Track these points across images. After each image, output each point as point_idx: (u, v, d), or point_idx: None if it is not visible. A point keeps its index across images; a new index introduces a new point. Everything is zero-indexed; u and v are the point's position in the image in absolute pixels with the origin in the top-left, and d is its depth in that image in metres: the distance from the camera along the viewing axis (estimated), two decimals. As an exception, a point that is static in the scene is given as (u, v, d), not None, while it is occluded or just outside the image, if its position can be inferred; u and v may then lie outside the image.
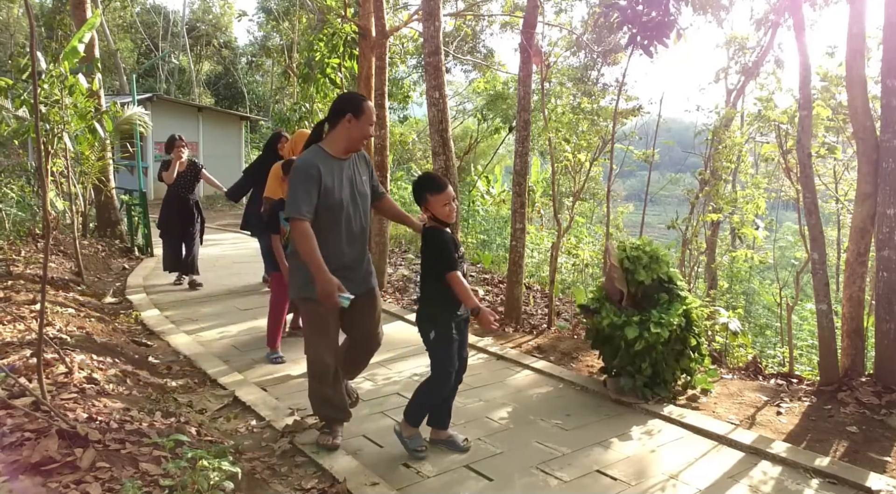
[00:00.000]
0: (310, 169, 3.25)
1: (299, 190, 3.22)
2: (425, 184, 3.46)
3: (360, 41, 9.65)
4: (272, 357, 5.15)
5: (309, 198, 3.21)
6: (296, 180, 3.25)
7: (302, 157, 3.36)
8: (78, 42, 6.10)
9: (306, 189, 3.21)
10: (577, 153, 7.67)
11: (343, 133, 3.35)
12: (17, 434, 2.85)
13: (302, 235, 3.18)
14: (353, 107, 3.34)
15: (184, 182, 7.47)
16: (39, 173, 5.41)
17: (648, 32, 5.36)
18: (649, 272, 4.47)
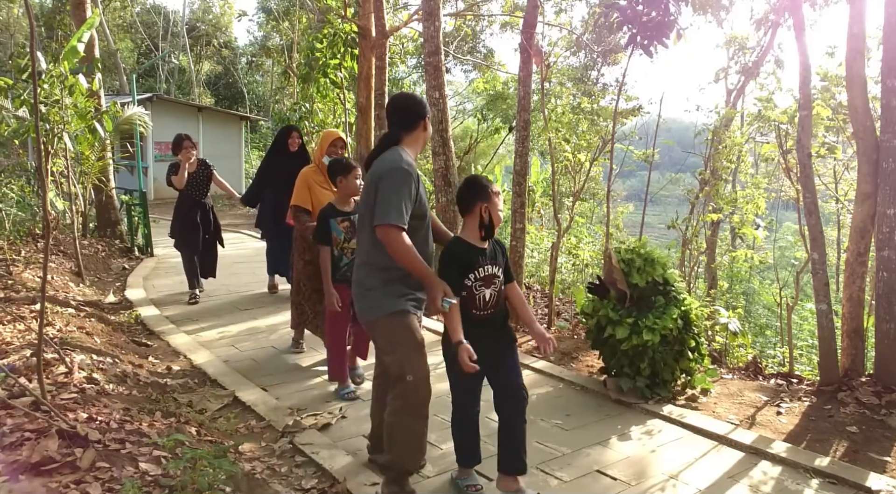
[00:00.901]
0: (412, 171, 2.87)
1: (402, 194, 2.81)
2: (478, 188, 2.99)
3: (360, 41, 9.65)
4: (344, 392, 4.39)
5: (410, 203, 2.85)
6: (396, 183, 2.82)
7: (399, 155, 2.93)
8: (78, 42, 6.10)
9: (407, 194, 2.83)
10: (577, 153, 7.67)
11: (421, 137, 3.07)
12: (17, 434, 2.85)
13: (404, 244, 2.80)
14: (423, 108, 3.08)
15: (195, 184, 6.87)
16: (39, 173, 5.40)
17: (648, 32, 5.36)
18: (643, 275, 4.46)
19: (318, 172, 4.90)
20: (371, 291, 2.99)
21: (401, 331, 2.96)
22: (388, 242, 2.80)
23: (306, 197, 4.84)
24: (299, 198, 4.86)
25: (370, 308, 3.00)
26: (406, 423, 2.95)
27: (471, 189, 3.01)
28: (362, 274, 3.05)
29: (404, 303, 2.97)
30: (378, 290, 2.97)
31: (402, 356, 2.94)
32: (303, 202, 4.85)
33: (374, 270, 2.99)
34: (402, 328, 2.97)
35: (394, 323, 2.97)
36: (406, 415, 2.95)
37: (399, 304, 2.96)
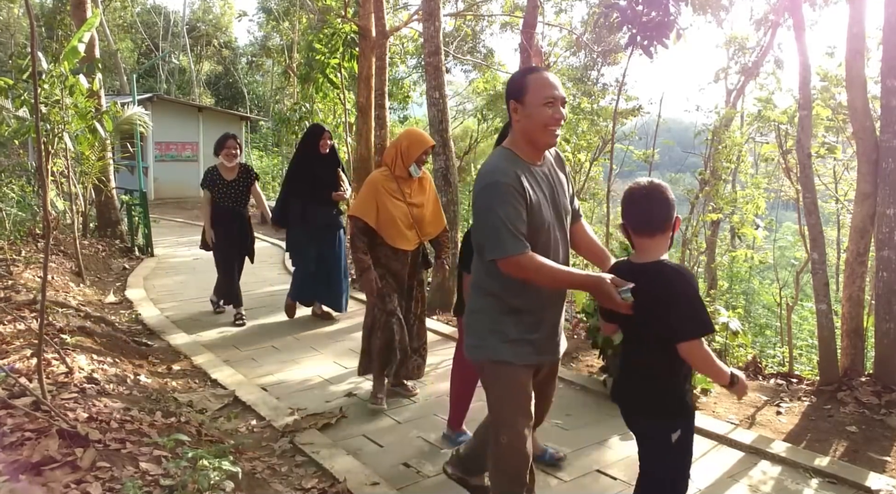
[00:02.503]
0: (507, 179, 2.31)
1: (507, 212, 2.27)
2: None
3: (360, 41, 9.65)
4: (459, 438, 3.64)
5: (521, 218, 2.30)
6: (495, 203, 2.29)
7: (492, 164, 2.42)
8: (78, 42, 6.10)
9: (513, 210, 2.28)
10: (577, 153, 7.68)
11: (516, 127, 2.43)
12: (18, 434, 2.85)
13: (535, 265, 2.29)
14: (514, 90, 2.39)
15: (234, 193, 6.00)
16: (40, 173, 5.41)
17: (648, 32, 5.37)
18: None
19: (391, 179, 3.95)
20: (478, 324, 2.53)
21: (502, 387, 2.50)
22: (519, 273, 2.32)
23: (371, 209, 3.89)
24: (362, 209, 3.90)
25: (475, 346, 2.55)
26: (503, 486, 2.56)
27: None
28: (472, 301, 2.59)
29: (512, 351, 2.45)
30: (485, 326, 2.50)
31: (500, 415, 2.52)
32: (364, 214, 3.90)
33: (483, 297, 2.52)
34: (505, 383, 2.49)
35: (497, 374, 2.50)
36: (502, 479, 2.56)
37: (505, 352, 2.46)
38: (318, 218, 5.78)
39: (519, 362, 2.47)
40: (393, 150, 3.97)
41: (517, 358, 2.47)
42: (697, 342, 2.12)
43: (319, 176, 5.71)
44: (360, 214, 3.94)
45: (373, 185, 3.95)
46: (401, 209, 3.94)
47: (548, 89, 2.34)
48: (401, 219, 3.96)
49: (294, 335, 5.83)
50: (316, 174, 5.71)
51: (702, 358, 2.14)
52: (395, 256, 4.02)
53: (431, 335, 5.92)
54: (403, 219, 3.97)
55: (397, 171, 3.95)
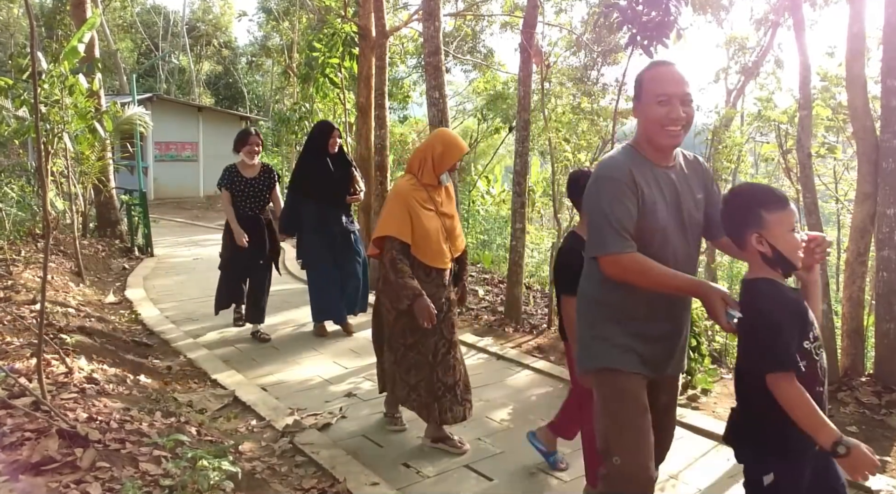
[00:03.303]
0: (619, 174, 2.14)
1: (613, 208, 2.11)
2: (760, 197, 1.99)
3: (360, 41, 9.65)
4: (552, 460, 3.43)
5: (629, 216, 2.12)
6: (601, 197, 2.14)
7: (609, 157, 2.29)
8: (78, 42, 6.10)
9: (623, 205, 2.11)
10: (577, 153, 7.68)
11: (638, 124, 2.26)
12: (18, 434, 2.85)
13: (638, 265, 2.10)
14: (635, 84, 2.24)
15: (253, 194, 5.48)
16: (39, 173, 5.40)
17: (648, 32, 5.36)
18: None
19: (419, 187, 3.46)
20: (583, 331, 2.35)
21: (611, 397, 2.26)
22: (620, 274, 2.13)
23: (405, 224, 3.38)
24: (393, 226, 3.37)
25: (580, 355, 2.37)
26: None
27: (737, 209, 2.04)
28: (577, 307, 2.40)
29: (621, 357, 2.23)
30: (589, 332, 2.32)
31: (609, 429, 2.25)
32: (400, 232, 3.36)
33: (586, 302, 2.35)
34: (613, 393, 2.25)
35: (604, 382, 2.28)
36: None
37: (612, 357, 2.24)
38: (333, 222, 5.43)
39: (629, 369, 2.23)
40: (423, 155, 3.49)
41: (626, 364, 2.23)
42: (777, 377, 1.84)
43: (333, 177, 5.36)
44: (396, 233, 3.37)
45: (402, 197, 3.43)
46: (435, 222, 3.46)
47: (662, 86, 2.14)
48: (436, 233, 3.47)
49: (294, 335, 5.83)
50: (329, 175, 5.35)
51: (785, 398, 1.84)
52: (429, 278, 3.47)
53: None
54: (438, 233, 3.49)
55: (425, 179, 3.48)
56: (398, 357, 3.54)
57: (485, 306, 7.07)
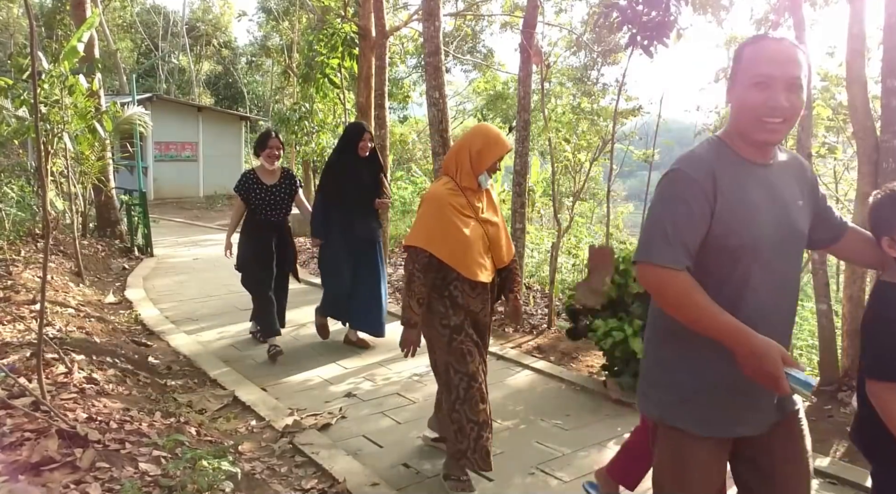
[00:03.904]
0: (694, 172, 1.71)
1: (670, 212, 1.70)
2: None
3: (360, 41, 9.66)
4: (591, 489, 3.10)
5: (690, 228, 1.68)
6: (665, 191, 1.75)
7: (691, 151, 1.82)
8: (77, 42, 6.10)
9: (687, 210, 1.68)
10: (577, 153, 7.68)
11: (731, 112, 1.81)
12: (17, 434, 2.85)
13: (673, 294, 1.67)
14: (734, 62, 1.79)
15: (274, 201, 5.14)
16: (39, 173, 5.39)
17: (648, 32, 5.37)
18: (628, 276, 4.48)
19: (457, 192, 3.08)
20: (645, 365, 1.92)
21: (671, 462, 1.84)
22: (655, 291, 1.73)
23: (436, 235, 3.00)
24: (421, 236, 3.01)
25: (641, 393, 1.92)
26: None
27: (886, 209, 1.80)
28: (646, 335, 1.95)
29: (689, 416, 1.78)
30: (651, 371, 1.88)
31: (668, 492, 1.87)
32: (429, 243, 2.99)
33: (656, 332, 1.88)
34: (674, 459, 1.82)
35: (669, 442, 1.83)
36: None
37: (677, 414, 1.79)
38: (360, 230, 5.15)
39: (701, 432, 1.77)
40: (459, 154, 3.09)
41: (697, 426, 1.77)
42: (878, 385, 1.71)
43: (362, 181, 5.09)
44: (423, 244, 2.97)
45: (438, 203, 3.02)
46: (476, 230, 3.06)
47: (763, 65, 1.67)
48: (476, 243, 3.07)
49: (294, 335, 5.82)
50: (358, 180, 5.08)
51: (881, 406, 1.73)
52: (473, 293, 3.08)
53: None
54: (479, 243, 3.10)
55: (464, 182, 3.07)
56: (461, 392, 3.03)
57: (485, 306, 7.06)
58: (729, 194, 1.70)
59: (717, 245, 1.70)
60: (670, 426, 1.81)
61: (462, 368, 3.05)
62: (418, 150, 21.95)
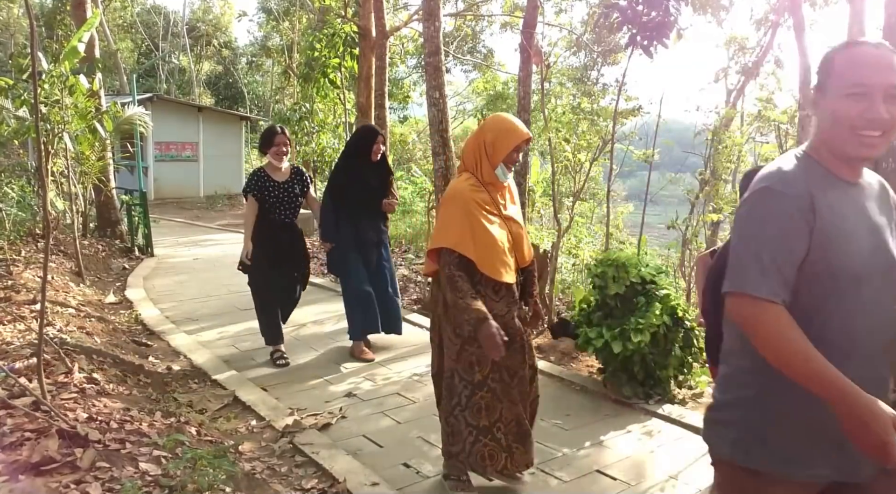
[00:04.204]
0: (788, 189, 1.54)
1: (770, 234, 1.52)
2: None
3: (360, 41, 9.66)
4: None
5: (787, 254, 1.51)
6: (755, 212, 1.56)
7: (776, 165, 1.62)
8: (78, 42, 6.10)
9: (783, 234, 1.51)
10: (577, 153, 7.67)
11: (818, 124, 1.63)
12: (17, 434, 2.85)
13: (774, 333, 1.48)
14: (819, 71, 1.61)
15: (285, 200, 4.89)
16: (40, 173, 5.40)
17: (648, 33, 5.37)
18: (619, 282, 4.49)
19: (480, 187, 2.94)
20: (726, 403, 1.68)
21: None
22: (744, 324, 1.53)
23: (466, 233, 2.84)
24: (451, 236, 2.84)
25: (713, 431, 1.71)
26: None
27: None
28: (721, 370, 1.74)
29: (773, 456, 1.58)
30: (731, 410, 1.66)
31: None
32: (459, 243, 2.82)
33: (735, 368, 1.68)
34: None
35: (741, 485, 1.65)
36: None
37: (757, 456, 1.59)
38: (370, 231, 5.09)
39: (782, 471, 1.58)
40: (476, 147, 2.93)
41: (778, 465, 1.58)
42: None
43: (372, 186, 5.02)
44: (454, 245, 2.81)
45: (462, 200, 2.88)
46: (501, 228, 2.94)
47: (861, 72, 1.51)
48: (502, 242, 2.93)
49: (294, 335, 5.82)
50: (368, 184, 4.99)
51: None
52: (498, 295, 2.93)
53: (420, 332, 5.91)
54: (505, 242, 2.96)
55: (486, 177, 2.92)
56: (462, 399, 2.93)
57: (485, 306, 7.05)
58: (826, 215, 1.52)
59: (810, 272, 1.51)
60: (742, 466, 1.61)
61: (468, 377, 2.92)
62: (418, 150, 21.96)
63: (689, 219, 8.79)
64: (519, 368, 2.97)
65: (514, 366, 2.96)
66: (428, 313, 6.54)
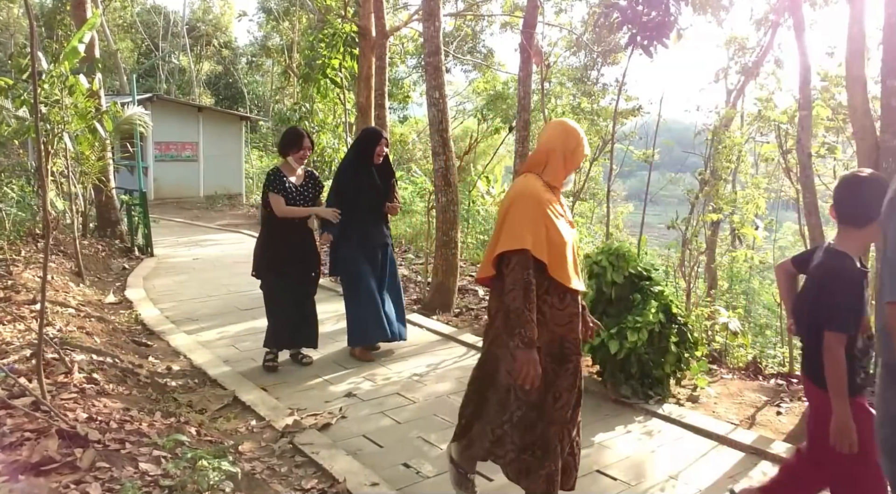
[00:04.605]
0: None
1: None
2: None
3: (360, 41, 9.67)
4: None
5: None
6: None
7: None
8: (78, 42, 6.09)
9: None
10: (577, 153, 7.67)
11: None
12: (17, 434, 2.85)
13: None
14: None
15: (303, 200, 4.89)
16: (40, 173, 5.40)
17: (648, 32, 5.37)
18: (619, 271, 4.51)
19: (548, 189, 2.80)
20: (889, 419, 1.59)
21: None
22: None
23: (540, 236, 2.63)
24: (529, 238, 2.61)
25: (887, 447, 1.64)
26: None
27: None
28: (881, 385, 1.69)
29: None
30: (883, 410, 1.63)
31: None
32: (535, 246, 2.61)
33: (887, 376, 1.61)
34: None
35: None
36: None
37: None
38: (374, 235, 5.07)
39: None
40: (553, 149, 2.80)
41: None
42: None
43: (375, 188, 5.00)
44: (530, 246, 2.59)
45: (537, 200, 2.69)
46: (568, 230, 2.79)
47: None
48: (571, 245, 2.78)
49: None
50: (371, 186, 4.99)
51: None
52: (563, 305, 2.73)
53: (431, 335, 5.93)
54: (572, 246, 2.81)
55: (555, 181, 2.81)
56: (514, 418, 2.73)
57: (485, 306, 7.07)
58: None
59: None
60: None
61: (524, 396, 2.70)
62: (418, 150, 21.97)
63: (689, 219, 8.79)
64: (572, 390, 2.76)
65: (568, 387, 2.75)
66: (428, 313, 6.55)
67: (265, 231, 4.96)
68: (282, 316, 4.90)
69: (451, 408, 4.23)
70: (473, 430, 2.91)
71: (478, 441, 2.88)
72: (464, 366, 5.11)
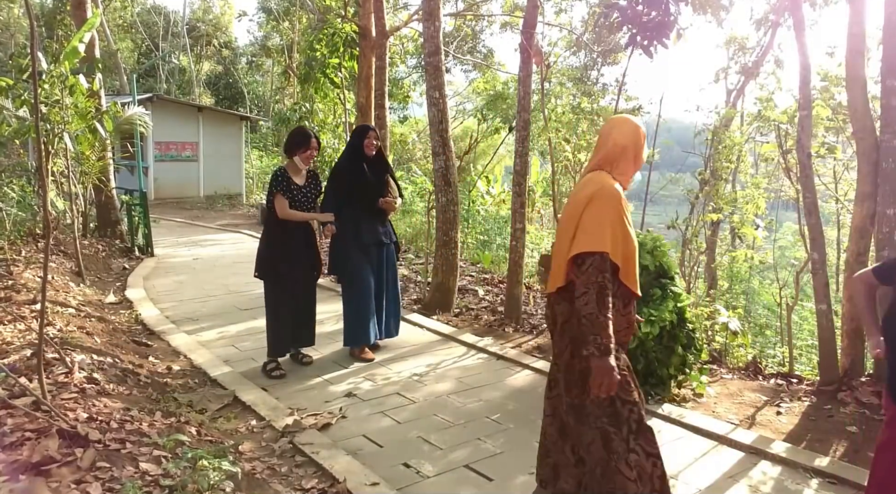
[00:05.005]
0: None
1: None
2: None
3: (360, 41, 9.67)
4: None
5: None
6: None
7: None
8: (78, 42, 6.10)
9: None
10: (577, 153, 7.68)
11: None
12: (18, 434, 2.85)
13: None
14: None
15: (305, 203, 4.91)
16: (40, 173, 5.40)
17: (648, 32, 5.37)
18: (654, 257, 4.48)
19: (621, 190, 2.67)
20: None
21: None
22: None
23: (616, 239, 2.52)
24: (608, 241, 2.48)
25: None
26: None
27: None
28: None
29: None
30: None
31: None
32: (614, 250, 2.50)
33: None
34: None
35: None
36: None
37: None
38: (368, 232, 5.09)
39: None
40: (625, 150, 2.66)
41: None
42: None
43: (368, 182, 5.07)
44: (610, 249, 2.47)
45: (616, 201, 2.54)
46: (636, 237, 2.67)
47: None
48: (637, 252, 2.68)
49: (294, 335, 5.83)
50: (364, 180, 5.05)
51: None
52: (626, 311, 2.67)
53: (431, 335, 5.93)
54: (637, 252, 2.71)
55: (623, 178, 2.68)
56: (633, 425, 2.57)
57: (485, 306, 7.07)
58: None
59: None
60: None
61: (628, 396, 2.55)
62: (418, 150, 21.97)
63: (689, 219, 8.78)
64: None
65: None
66: (428, 313, 6.55)
67: (267, 231, 4.97)
68: (284, 316, 4.87)
69: (450, 408, 4.23)
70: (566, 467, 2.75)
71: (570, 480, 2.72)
72: (463, 366, 5.12)
